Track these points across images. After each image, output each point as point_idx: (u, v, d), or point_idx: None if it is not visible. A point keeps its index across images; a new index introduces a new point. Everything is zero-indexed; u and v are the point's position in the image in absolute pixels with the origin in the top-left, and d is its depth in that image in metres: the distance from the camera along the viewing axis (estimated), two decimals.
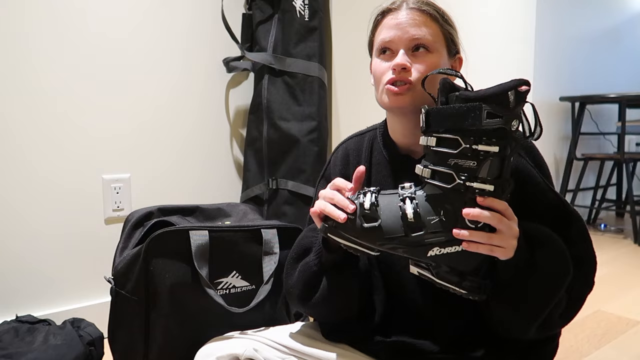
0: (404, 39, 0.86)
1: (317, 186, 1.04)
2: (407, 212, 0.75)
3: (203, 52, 1.97)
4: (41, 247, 1.65)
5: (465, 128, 0.71)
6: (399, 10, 0.88)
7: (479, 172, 0.72)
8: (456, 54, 0.92)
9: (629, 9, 3.28)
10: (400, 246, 0.76)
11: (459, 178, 0.73)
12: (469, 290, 0.75)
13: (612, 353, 1.40)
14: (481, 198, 0.71)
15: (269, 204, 1.96)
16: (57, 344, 1.31)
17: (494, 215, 0.71)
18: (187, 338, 1.19)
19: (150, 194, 1.86)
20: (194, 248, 1.20)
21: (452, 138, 0.73)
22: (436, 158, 0.75)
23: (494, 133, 0.70)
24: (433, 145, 0.75)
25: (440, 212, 0.74)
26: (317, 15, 1.96)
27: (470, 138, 0.71)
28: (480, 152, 0.71)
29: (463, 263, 0.75)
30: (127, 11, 1.78)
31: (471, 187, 0.72)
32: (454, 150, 0.73)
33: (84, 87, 1.70)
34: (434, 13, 0.88)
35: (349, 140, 1.03)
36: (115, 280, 1.23)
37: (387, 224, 0.76)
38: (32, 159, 1.62)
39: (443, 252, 0.75)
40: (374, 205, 0.78)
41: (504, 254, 0.73)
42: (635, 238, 2.59)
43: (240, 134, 2.12)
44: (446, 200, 0.74)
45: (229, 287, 1.25)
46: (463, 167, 0.72)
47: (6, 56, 1.56)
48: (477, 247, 0.72)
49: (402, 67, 0.85)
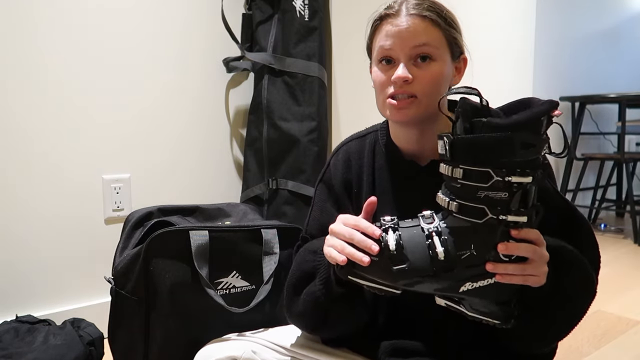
0: (405, 48, 0.82)
1: (316, 189, 1.01)
2: (437, 251, 0.70)
3: (203, 52, 1.97)
4: (41, 247, 1.65)
5: (497, 160, 0.66)
6: (398, 16, 0.83)
7: (512, 204, 0.68)
8: (460, 55, 0.89)
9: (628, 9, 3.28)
10: (432, 285, 0.72)
11: (491, 212, 0.68)
12: (502, 320, 0.72)
13: (612, 353, 1.40)
14: (515, 231, 0.68)
15: (269, 204, 1.96)
16: (57, 344, 1.31)
17: (529, 246, 0.69)
18: (187, 338, 1.19)
19: (150, 194, 1.85)
20: (194, 248, 1.20)
21: (483, 171, 0.67)
22: (463, 191, 0.70)
23: (527, 164, 0.66)
24: (460, 177, 0.69)
25: (471, 247, 0.70)
26: (317, 15, 1.96)
27: (503, 170, 0.66)
28: (514, 184, 0.67)
29: (496, 295, 0.71)
30: (126, 11, 1.77)
31: (504, 220, 0.68)
32: (485, 184, 0.68)
33: (84, 87, 1.70)
34: (435, 18, 0.83)
35: (349, 142, 0.99)
36: (115, 281, 1.23)
37: (416, 265, 0.71)
38: (32, 159, 1.62)
39: (475, 286, 0.71)
40: (399, 246, 0.72)
41: (536, 282, 0.71)
42: (635, 238, 2.59)
43: (240, 134, 2.12)
44: (477, 234, 0.70)
45: (229, 287, 1.25)
46: (494, 200, 0.68)
47: (6, 56, 1.56)
48: (511, 278, 0.69)
49: (403, 80, 0.81)
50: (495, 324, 0.73)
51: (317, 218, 0.98)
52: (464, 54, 0.90)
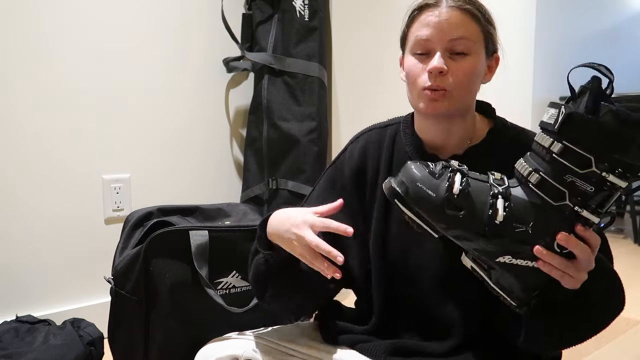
0: (443, 39, 0.81)
1: (326, 170, 1.01)
2: (497, 213, 0.67)
3: (203, 52, 1.97)
4: (41, 247, 1.65)
5: (606, 153, 0.62)
6: (438, 6, 0.82)
7: (593, 201, 0.64)
8: (494, 53, 0.88)
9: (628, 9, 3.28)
10: (473, 243, 0.69)
11: (570, 200, 0.65)
12: (518, 303, 0.70)
13: (612, 353, 1.40)
14: (582, 228, 0.66)
15: (269, 204, 1.96)
16: (57, 344, 1.31)
17: (586, 248, 0.66)
18: (187, 338, 1.19)
19: (150, 194, 1.85)
20: (194, 248, 1.20)
21: (584, 156, 0.63)
22: (552, 168, 0.66)
23: (630, 168, 0.62)
24: (556, 152, 0.65)
25: (530, 224, 0.67)
26: (317, 15, 1.96)
27: (605, 164, 0.62)
28: (607, 183, 0.63)
29: (528, 278, 0.69)
30: (126, 11, 1.77)
31: (578, 213, 0.65)
32: (579, 170, 0.63)
33: (84, 87, 1.70)
34: (475, 12, 0.82)
35: (370, 131, 0.98)
36: (115, 281, 1.23)
37: (470, 217, 0.67)
38: (32, 159, 1.62)
39: (513, 262, 0.68)
40: (463, 192, 0.67)
41: (571, 284, 0.69)
42: (635, 238, 2.59)
43: (240, 134, 2.12)
44: (543, 214, 0.67)
45: (229, 287, 1.25)
46: (579, 190, 0.64)
47: (6, 56, 1.56)
48: (551, 270, 0.67)
49: (439, 71, 0.80)
50: (511, 304, 0.71)
51: (316, 196, 0.99)
52: (497, 52, 0.89)
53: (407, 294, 0.90)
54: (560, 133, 0.64)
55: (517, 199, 0.68)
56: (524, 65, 1.70)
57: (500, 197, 0.68)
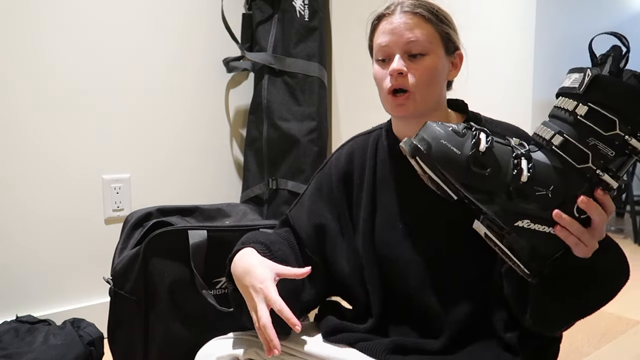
0: (399, 43, 0.87)
1: (314, 178, 1.06)
2: (522, 173, 0.66)
3: (203, 52, 1.97)
4: (41, 247, 1.65)
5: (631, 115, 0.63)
6: (393, 14, 0.89)
7: (613, 165, 0.65)
8: (455, 50, 0.93)
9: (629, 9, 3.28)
10: (494, 205, 0.67)
11: (593, 162, 0.65)
12: (532, 272, 0.70)
13: (612, 353, 1.40)
14: (601, 192, 0.66)
15: (269, 204, 1.96)
16: (57, 344, 1.31)
17: (603, 213, 0.67)
18: (186, 337, 1.19)
19: (150, 194, 1.85)
20: (191, 248, 1.20)
21: (609, 118, 0.64)
22: (576, 130, 0.66)
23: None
24: (582, 114, 0.65)
25: (550, 187, 0.67)
26: (317, 15, 1.96)
27: (629, 127, 0.63)
28: (629, 146, 0.64)
29: (544, 245, 0.69)
30: (126, 11, 1.77)
31: (599, 176, 0.65)
32: (604, 132, 0.64)
33: (84, 87, 1.70)
34: (427, 14, 0.88)
35: (356, 138, 1.05)
36: (114, 281, 1.23)
37: (496, 175, 0.67)
38: (32, 159, 1.62)
39: (531, 227, 0.68)
40: (490, 150, 0.67)
41: (584, 252, 0.70)
42: (635, 238, 2.59)
43: (240, 134, 2.12)
44: (564, 177, 0.67)
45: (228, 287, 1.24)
46: (601, 153, 0.65)
47: (7, 56, 1.56)
48: (568, 236, 0.68)
49: (398, 72, 0.86)
50: (523, 272, 0.71)
51: (304, 205, 1.04)
52: (459, 49, 0.93)
53: (399, 291, 0.92)
54: (586, 95, 0.65)
55: (539, 162, 0.68)
56: (524, 66, 1.70)
57: (523, 158, 0.68)
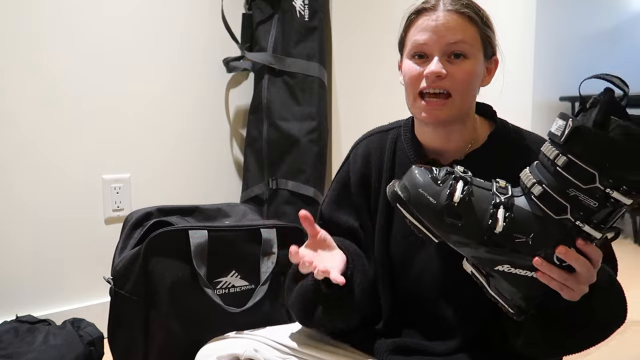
0: (440, 43, 0.81)
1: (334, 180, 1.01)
2: (497, 224, 0.66)
3: (203, 52, 1.97)
4: (41, 247, 1.65)
5: (611, 169, 0.61)
6: (435, 10, 0.82)
7: (596, 216, 0.64)
8: (492, 55, 0.88)
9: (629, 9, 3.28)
10: (472, 250, 0.69)
11: (571, 214, 0.64)
12: (516, 311, 0.70)
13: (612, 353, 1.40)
14: (582, 242, 0.65)
15: (269, 204, 1.96)
16: (57, 344, 1.31)
17: (586, 263, 0.66)
18: (186, 337, 1.19)
19: (150, 194, 1.85)
20: (193, 247, 1.20)
21: (589, 171, 0.62)
22: (556, 180, 0.65)
23: (637, 186, 0.61)
24: (560, 165, 0.64)
25: (530, 235, 0.66)
26: (317, 15, 1.96)
27: (609, 181, 0.61)
28: (611, 199, 0.62)
29: (526, 288, 0.69)
30: (126, 11, 1.77)
31: (579, 227, 0.64)
32: (583, 185, 0.62)
33: (84, 87, 1.70)
34: (473, 15, 0.82)
35: (371, 136, 0.98)
36: (115, 281, 1.23)
37: (469, 226, 0.67)
38: (32, 159, 1.62)
39: (512, 272, 0.68)
40: (464, 201, 0.67)
41: (570, 296, 0.68)
42: (635, 238, 2.59)
43: (240, 134, 2.12)
44: (544, 226, 0.66)
45: (228, 287, 1.25)
46: (582, 204, 0.63)
47: (7, 56, 1.56)
48: (550, 281, 0.67)
49: (436, 75, 0.80)
50: (508, 311, 0.71)
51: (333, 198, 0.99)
52: (496, 54, 0.89)
53: (411, 294, 0.91)
54: (566, 146, 0.63)
55: (520, 209, 0.67)
56: (524, 66, 1.70)
57: (501, 207, 0.67)
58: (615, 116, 0.61)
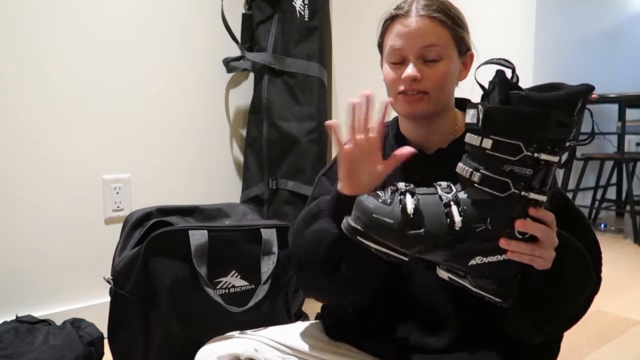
0: (414, 48, 0.86)
1: (318, 181, 1.01)
2: (454, 220, 0.69)
3: (203, 52, 1.97)
4: (41, 247, 1.65)
5: (530, 135, 0.66)
6: (408, 16, 0.87)
7: (534, 182, 0.68)
8: (467, 51, 0.92)
9: (628, 9, 3.28)
10: (442, 254, 0.71)
11: (514, 187, 0.68)
12: (503, 298, 0.72)
13: (612, 353, 1.40)
14: (534, 209, 0.69)
15: (269, 204, 1.96)
16: (57, 344, 1.31)
17: (544, 227, 0.69)
18: (186, 338, 1.19)
19: (150, 194, 1.85)
20: (194, 248, 1.20)
21: (514, 144, 0.67)
22: (489, 162, 0.69)
23: (557, 142, 0.66)
24: (488, 148, 0.68)
25: (487, 220, 0.70)
26: (317, 15, 1.96)
27: (534, 146, 0.66)
28: (541, 162, 0.67)
29: (503, 272, 0.72)
30: (126, 11, 1.77)
31: (526, 197, 0.68)
32: (513, 158, 0.67)
33: (84, 87, 1.70)
34: (444, 19, 0.86)
35: None
36: (115, 281, 1.23)
37: (432, 231, 0.70)
38: (32, 159, 1.62)
39: (485, 261, 0.71)
40: (417, 211, 0.70)
41: (543, 265, 0.71)
42: (635, 238, 2.59)
43: (240, 134, 2.12)
44: (495, 208, 0.69)
45: (228, 287, 1.25)
46: (519, 175, 0.68)
47: (7, 56, 1.56)
48: (521, 257, 0.70)
49: (412, 79, 0.85)
50: (496, 301, 0.73)
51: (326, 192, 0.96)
52: (470, 50, 0.93)
53: (406, 291, 0.91)
54: (485, 130, 0.68)
55: (468, 201, 0.71)
56: (524, 66, 1.70)
57: (453, 204, 0.70)
58: (512, 91, 0.67)
